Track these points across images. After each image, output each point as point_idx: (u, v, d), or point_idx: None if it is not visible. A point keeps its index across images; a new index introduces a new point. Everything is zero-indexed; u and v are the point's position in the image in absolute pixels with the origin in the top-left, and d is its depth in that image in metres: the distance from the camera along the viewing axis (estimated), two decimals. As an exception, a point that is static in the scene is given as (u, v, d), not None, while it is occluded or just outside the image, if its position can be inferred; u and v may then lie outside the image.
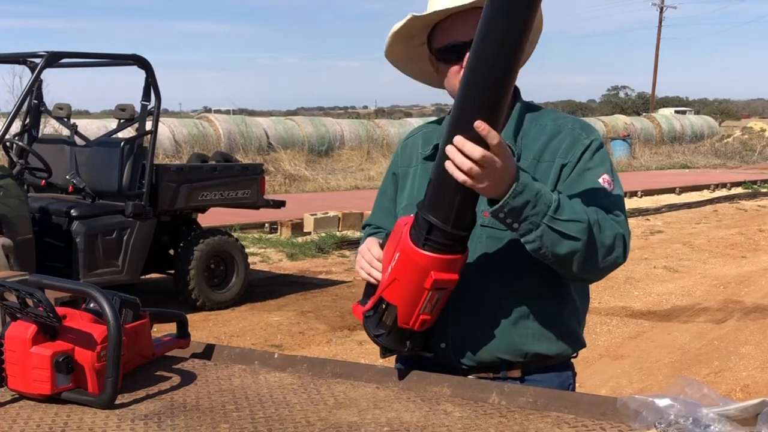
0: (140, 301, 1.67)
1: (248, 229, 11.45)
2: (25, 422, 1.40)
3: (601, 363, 5.99)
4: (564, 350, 1.82)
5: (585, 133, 1.79)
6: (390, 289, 1.64)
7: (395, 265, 1.62)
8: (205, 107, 58.96)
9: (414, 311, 1.62)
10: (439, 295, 1.61)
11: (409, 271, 1.60)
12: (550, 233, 1.58)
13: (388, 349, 1.73)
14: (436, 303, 1.63)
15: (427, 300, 1.61)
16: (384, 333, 1.69)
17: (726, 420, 1.21)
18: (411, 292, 1.61)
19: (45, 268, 6.14)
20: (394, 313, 1.65)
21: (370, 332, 1.72)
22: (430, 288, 1.58)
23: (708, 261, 10.34)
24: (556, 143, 1.77)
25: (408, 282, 1.61)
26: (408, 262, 1.59)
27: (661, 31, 45.31)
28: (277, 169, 19.98)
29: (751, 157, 31.05)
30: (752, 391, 5.33)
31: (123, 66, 7.39)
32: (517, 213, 1.55)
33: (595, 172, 1.74)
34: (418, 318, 1.63)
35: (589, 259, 1.63)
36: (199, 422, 1.41)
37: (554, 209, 1.57)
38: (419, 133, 1.98)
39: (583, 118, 1.93)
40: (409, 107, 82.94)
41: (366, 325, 1.72)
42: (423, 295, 1.60)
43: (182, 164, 8.68)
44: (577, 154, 1.75)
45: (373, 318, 1.71)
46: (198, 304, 7.29)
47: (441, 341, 1.81)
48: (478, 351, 1.78)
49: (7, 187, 6.05)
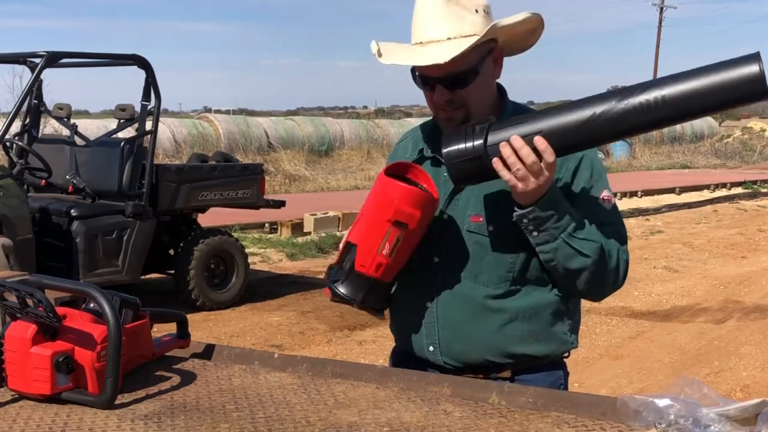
0: (140, 301, 1.67)
1: (248, 229, 11.44)
2: (25, 422, 1.40)
3: (601, 363, 5.99)
4: (552, 351, 1.83)
5: None
6: (354, 229, 1.68)
7: (364, 204, 1.68)
8: (205, 107, 58.98)
9: (372, 250, 1.64)
10: (400, 234, 1.63)
11: (374, 203, 1.65)
12: (566, 248, 1.66)
13: (341, 297, 1.71)
14: (395, 245, 1.63)
15: (386, 237, 1.62)
16: (340, 279, 1.69)
17: (726, 420, 1.21)
18: (372, 227, 1.64)
19: (45, 268, 6.14)
20: (354, 253, 1.66)
21: (329, 281, 1.72)
22: (392, 219, 1.61)
23: (708, 261, 10.34)
24: None
25: (371, 215, 1.64)
26: (376, 193, 1.64)
27: (661, 31, 45.29)
28: (277, 169, 19.98)
29: (751, 157, 31.04)
30: (752, 391, 5.33)
31: (123, 66, 7.39)
32: (540, 223, 1.64)
33: (596, 189, 1.77)
34: (375, 259, 1.64)
35: (595, 279, 1.72)
36: (199, 422, 1.41)
37: (574, 228, 1.66)
38: (409, 138, 1.99)
39: None
40: (409, 107, 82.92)
41: (327, 277, 1.73)
42: (383, 230, 1.62)
43: (182, 164, 8.68)
44: (570, 168, 1.77)
45: (335, 266, 1.72)
46: (198, 304, 7.29)
47: (430, 344, 1.82)
48: (467, 353, 1.79)
49: (7, 187, 6.05)
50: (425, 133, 1.91)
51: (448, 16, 1.69)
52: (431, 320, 1.81)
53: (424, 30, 1.72)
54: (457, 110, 1.76)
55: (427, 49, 1.70)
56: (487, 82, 1.78)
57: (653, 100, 1.50)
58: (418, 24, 1.74)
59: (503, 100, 1.85)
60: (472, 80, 1.72)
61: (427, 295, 1.82)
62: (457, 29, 1.69)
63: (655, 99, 1.50)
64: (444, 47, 1.67)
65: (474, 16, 1.70)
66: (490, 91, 1.80)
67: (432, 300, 1.81)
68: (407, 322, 1.87)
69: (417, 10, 1.74)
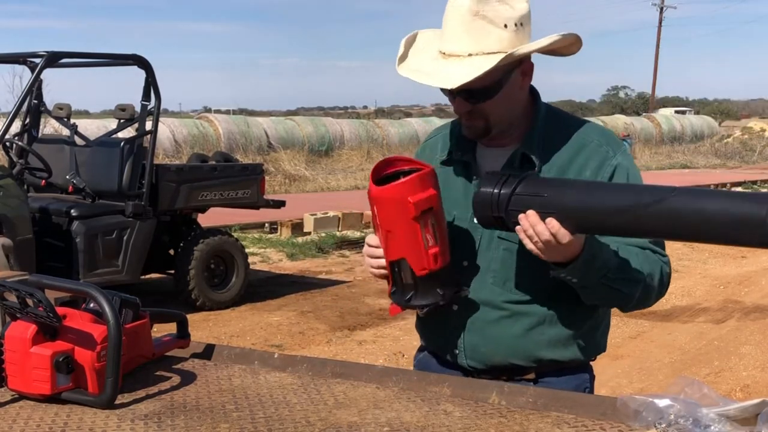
0: (140, 301, 1.67)
1: (248, 229, 11.45)
2: (25, 422, 1.40)
3: (601, 363, 5.95)
4: (578, 356, 1.82)
5: (612, 150, 1.76)
6: (390, 248, 1.65)
7: (379, 219, 1.64)
8: (205, 107, 58.95)
9: (421, 251, 1.61)
10: (431, 219, 1.61)
11: (390, 213, 1.61)
12: (606, 289, 1.65)
13: (425, 306, 1.69)
14: (434, 229, 1.61)
15: (423, 231, 1.60)
16: (413, 293, 1.67)
17: (726, 420, 1.21)
18: (406, 234, 1.61)
19: (45, 268, 6.14)
20: (407, 266, 1.64)
21: (402, 303, 1.69)
22: (417, 214, 1.58)
23: (708, 261, 10.34)
24: (581, 160, 1.74)
25: (397, 225, 1.61)
26: (384, 205, 1.61)
27: (661, 31, 45.34)
28: (277, 169, 19.98)
29: (751, 157, 31.03)
30: (752, 391, 5.33)
31: (123, 66, 7.39)
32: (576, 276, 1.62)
33: None
34: (428, 255, 1.62)
35: (637, 306, 1.73)
36: (199, 422, 1.41)
37: (614, 270, 1.63)
38: (438, 135, 1.95)
39: (584, 119, 1.91)
40: (409, 107, 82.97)
41: (398, 302, 1.70)
42: (416, 228, 1.59)
43: (182, 164, 8.68)
44: (605, 177, 1.73)
45: (396, 290, 1.70)
46: (198, 304, 7.29)
47: (455, 347, 1.81)
48: (491, 356, 1.78)
49: (7, 187, 6.05)
50: (455, 134, 1.86)
51: (472, 31, 1.62)
52: (457, 324, 1.80)
53: (448, 41, 1.66)
54: (478, 120, 1.73)
55: (446, 66, 1.65)
56: (513, 94, 1.72)
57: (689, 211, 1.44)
58: (445, 32, 1.68)
59: (536, 104, 1.80)
60: (494, 95, 1.68)
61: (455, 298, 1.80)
62: (480, 46, 1.62)
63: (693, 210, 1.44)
64: (462, 66, 1.62)
65: (501, 31, 1.63)
66: (515, 102, 1.75)
67: (459, 304, 1.79)
68: (433, 324, 1.86)
69: (446, 14, 1.68)
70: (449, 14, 1.66)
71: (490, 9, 1.63)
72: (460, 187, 1.82)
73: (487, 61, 1.61)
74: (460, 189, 1.81)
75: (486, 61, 1.61)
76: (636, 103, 59.26)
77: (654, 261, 1.73)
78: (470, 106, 1.71)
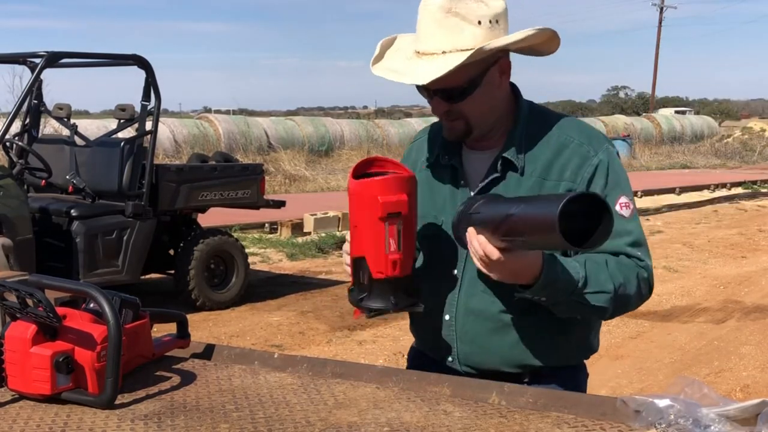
0: (140, 301, 1.67)
1: (248, 229, 11.45)
2: (25, 422, 1.40)
3: (601, 363, 5.99)
4: (572, 360, 1.82)
5: (593, 148, 1.72)
6: (354, 243, 1.66)
7: (350, 214, 1.65)
8: (205, 107, 58.98)
9: (381, 253, 1.60)
10: (398, 225, 1.60)
11: (360, 209, 1.62)
12: (577, 305, 1.64)
13: (373, 311, 1.67)
14: (400, 235, 1.60)
15: (387, 234, 1.59)
16: (366, 294, 1.66)
17: (726, 420, 1.21)
18: (370, 232, 1.61)
19: (45, 268, 6.14)
20: (365, 265, 1.63)
21: (353, 301, 1.68)
22: (383, 215, 1.58)
23: (708, 261, 10.33)
24: (562, 161, 1.72)
25: (363, 221, 1.62)
26: (356, 201, 1.62)
27: (661, 31, 45.33)
28: (277, 169, 19.98)
29: (751, 157, 31.03)
30: (752, 391, 5.33)
31: (123, 66, 7.39)
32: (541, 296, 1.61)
33: (612, 197, 1.68)
34: (387, 260, 1.60)
35: (614, 313, 1.70)
36: (199, 422, 1.41)
37: (582, 285, 1.61)
38: (424, 138, 1.93)
39: (584, 119, 1.91)
40: (409, 107, 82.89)
41: (351, 300, 1.69)
42: (381, 229, 1.59)
43: (182, 164, 8.68)
44: (585, 177, 1.70)
45: (353, 287, 1.69)
46: (198, 304, 7.29)
47: (448, 355, 1.81)
48: (485, 365, 1.78)
49: (7, 187, 6.05)
50: (440, 137, 1.84)
51: (444, 28, 1.62)
52: (449, 333, 1.80)
53: (422, 40, 1.66)
54: (456, 121, 1.72)
55: (419, 64, 1.64)
56: (491, 92, 1.70)
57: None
58: (419, 32, 1.68)
59: (518, 103, 1.78)
60: (470, 93, 1.67)
61: (447, 307, 1.79)
62: (453, 42, 1.61)
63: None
64: (435, 63, 1.61)
65: (475, 28, 1.61)
66: (494, 101, 1.73)
67: (451, 313, 1.78)
68: (426, 333, 1.86)
69: (419, 13, 1.68)
70: (422, 13, 1.66)
71: (463, 6, 1.62)
72: (447, 192, 1.80)
73: (460, 57, 1.60)
74: (447, 194, 1.80)
75: (460, 56, 1.60)
76: (636, 103, 59.27)
77: (629, 267, 1.69)
78: (447, 106, 1.70)
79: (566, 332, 1.77)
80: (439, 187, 1.81)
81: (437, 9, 1.62)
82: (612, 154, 1.74)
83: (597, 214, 1.42)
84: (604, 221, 1.42)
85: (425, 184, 1.80)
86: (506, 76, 1.73)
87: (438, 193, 1.80)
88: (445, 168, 1.81)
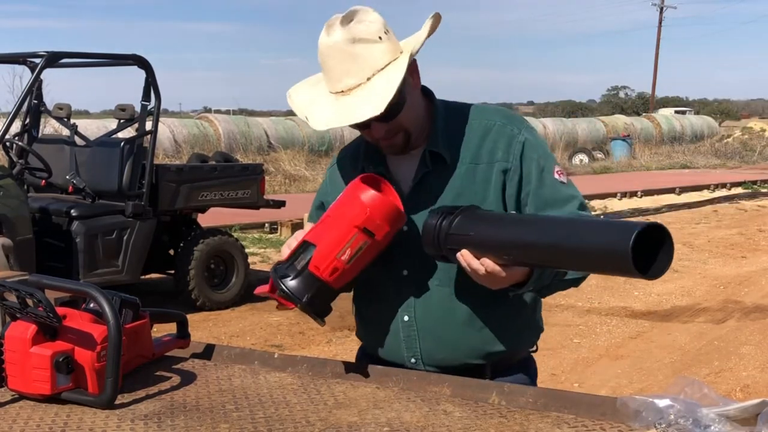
0: (140, 301, 1.67)
1: (248, 229, 11.45)
2: (25, 422, 1.41)
3: (601, 363, 5.99)
4: (528, 343, 1.88)
5: (516, 127, 1.78)
6: (316, 229, 1.64)
7: (332, 205, 1.65)
8: (205, 107, 58.96)
9: (332, 252, 1.59)
10: (363, 243, 1.59)
11: (345, 207, 1.61)
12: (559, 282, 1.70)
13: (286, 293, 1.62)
14: (356, 254, 1.60)
15: (350, 241, 1.59)
16: (290, 276, 1.62)
17: (726, 420, 1.21)
18: (336, 230, 1.60)
19: (45, 268, 6.14)
20: (311, 253, 1.61)
21: (276, 276, 1.63)
22: (361, 226, 1.57)
23: (708, 261, 10.33)
24: (489, 143, 1.76)
25: (338, 218, 1.61)
26: (348, 198, 1.61)
27: (661, 31, 45.35)
28: (277, 169, 19.98)
29: (751, 157, 31.02)
30: (752, 391, 5.33)
31: (123, 66, 7.39)
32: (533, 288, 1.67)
33: (548, 168, 1.76)
34: (332, 263, 1.59)
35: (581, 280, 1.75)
36: (199, 422, 1.41)
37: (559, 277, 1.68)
38: (346, 157, 1.94)
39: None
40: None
41: (273, 275, 1.65)
42: (349, 233, 1.59)
43: (182, 164, 8.68)
44: (517, 154, 1.75)
45: (284, 264, 1.65)
46: (198, 304, 7.29)
47: (411, 356, 1.80)
48: (448, 359, 1.78)
49: (7, 187, 6.05)
50: (362, 149, 1.87)
51: (357, 57, 1.63)
52: (410, 333, 1.80)
53: (339, 79, 1.66)
54: (396, 136, 1.74)
55: (355, 98, 1.64)
56: (415, 95, 1.75)
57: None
58: (331, 73, 1.67)
59: (433, 104, 1.82)
60: (404, 103, 1.69)
61: (403, 309, 1.79)
62: (372, 66, 1.63)
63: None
64: (371, 91, 1.62)
65: (379, 44, 1.64)
66: (417, 103, 1.76)
67: (409, 313, 1.79)
68: (383, 336, 1.84)
69: (324, 60, 1.68)
70: (327, 54, 1.66)
71: (359, 31, 1.63)
72: None
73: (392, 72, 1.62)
74: None
75: (390, 73, 1.62)
76: (636, 103, 59.27)
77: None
78: (387, 125, 1.70)
79: (520, 314, 1.82)
80: None
81: (342, 43, 1.63)
82: (533, 130, 1.81)
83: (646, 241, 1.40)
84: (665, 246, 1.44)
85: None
86: (417, 75, 1.76)
87: None
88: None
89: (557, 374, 5.67)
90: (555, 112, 55.32)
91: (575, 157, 26.68)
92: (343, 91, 1.66)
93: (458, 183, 1.74)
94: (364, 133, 1.77)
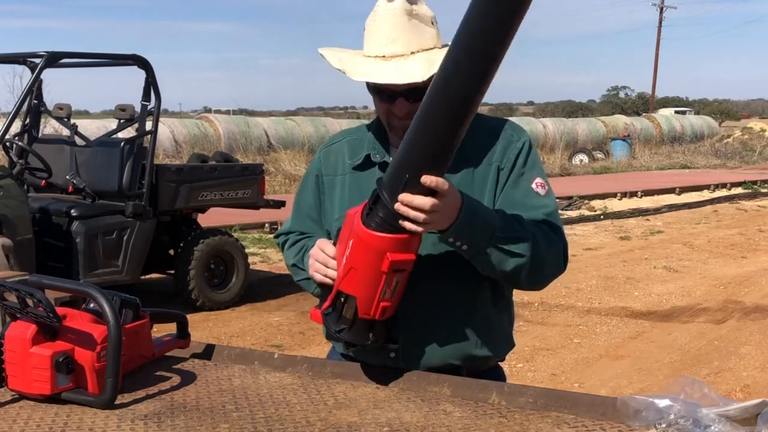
0: (140, 301, 1.67)
1: (248, 229, 11.45)
2: (25, 422, 1.41)
3: (601, 363, 5.99)
4: (502, 352, 1.89)
5: (516, 134, 1.83)
6: (347, 280, 1.61)
7: (350, 254, 1.59)
8: (205, 107, 58.99)
9: (374, 299, 1.58)
10: (397, 278, 1.58)
11: (364, 257, 1.56)
12: (497, 253, 1.65)
13: (352, 345, 1.67)
14: (396, 287, 1.59)
15: (386, 285, 1.57)
16: (346, 327, 1.64)
17: (726, 420, 1.21)
18: (368, 279, 1.57)
19: (45, 268, 6.14)
20: (354, 304, 1.61)
21: (331, 329, 1.66)
22: (388, 271, 1.55)
23: (708, 261, 10.33)
24: (490, 145, 1.80)
25: (364, 268, 1.57)
26: (362, 247, 1.56)
27: (661, 31, 45.37)
28: (277, 169, 19.98)
29: (751, 157, 31.02)
30: (752, 391, 5.33)
31: (123, 66, 7.39)
32: (465, 237, 1.61)
33: (528, 176, 1.79)
34: (378, 306, 1.59)
35: (533, 273, 1.71)
36: (199, 422, 1.41)
37: (500, 229, 1.64)
38: (343, 140, 1.96)
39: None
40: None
41: (326, 323, 1.67)
42: (381, 280, 1.56)
43: (182, 164, 8.68)
44: (511, 157, 1.79)
45: (333, 315, 1.66)
46: (198, 304, 7.29)
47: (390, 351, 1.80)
48: (429, 357, 1.78)
49: (7, 187, 6.05)
50: (368, 139, 1.88)
51: (411, 29, 1.69)
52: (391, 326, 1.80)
53: (385, 44, 1.70)
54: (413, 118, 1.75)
55: (397, 66, 1.68)
56: None
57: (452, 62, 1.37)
58: (378, 36, 1.71)
59: None
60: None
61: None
62: (419, 43, 1.69)
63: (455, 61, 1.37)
64: (414, 63, 1.67)
65: (430, 28, 1.72)
66: None
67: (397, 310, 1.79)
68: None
69: (375, 22, 1.72)
70: (383, 17, 1.71)
71: (418, 9, 1.71)
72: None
73: (434, 54, 1.67)
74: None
75: (433, 54, 1.67)
76: (636, 103, 59.29)
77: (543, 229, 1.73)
78: (409, 106, 1.72)
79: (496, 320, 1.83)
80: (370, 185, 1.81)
81: (401, 12, 1.69)
82: (531, 144, 1.85)
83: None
84: None
85: (354, 186, 1.85)
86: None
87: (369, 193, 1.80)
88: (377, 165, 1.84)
89: (557, 374, 5.68)
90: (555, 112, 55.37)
91: (575, 157, 26.67)
92: (385, 56, 1.71)
93: (456, 180, 1.75)
94: (383, 108, 1.77)
